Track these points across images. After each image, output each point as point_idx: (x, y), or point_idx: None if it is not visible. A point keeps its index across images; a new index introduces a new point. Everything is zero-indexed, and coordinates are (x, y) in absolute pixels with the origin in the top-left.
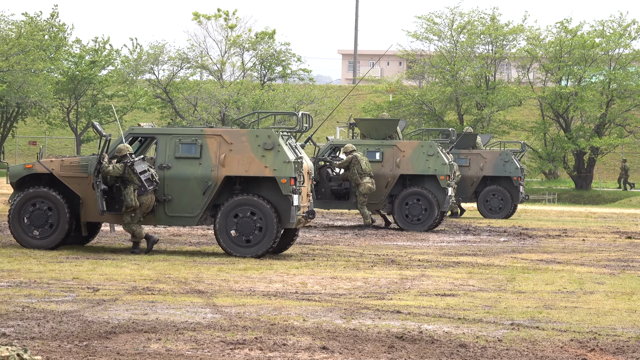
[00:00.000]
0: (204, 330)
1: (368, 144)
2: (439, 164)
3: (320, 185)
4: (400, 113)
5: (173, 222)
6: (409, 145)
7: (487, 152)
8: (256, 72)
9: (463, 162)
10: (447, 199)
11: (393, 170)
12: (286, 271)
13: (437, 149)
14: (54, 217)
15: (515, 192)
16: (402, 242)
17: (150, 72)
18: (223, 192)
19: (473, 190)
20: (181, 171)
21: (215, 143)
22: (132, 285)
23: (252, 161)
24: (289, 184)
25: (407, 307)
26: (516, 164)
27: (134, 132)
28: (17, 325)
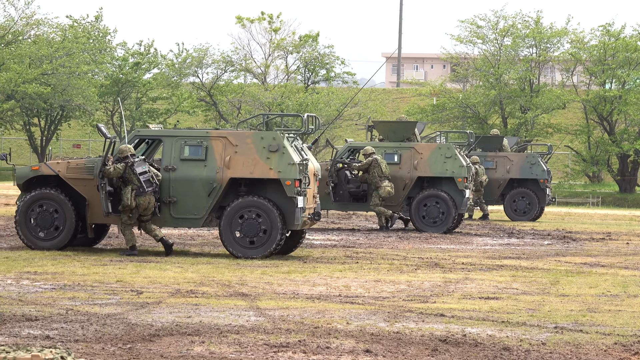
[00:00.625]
0: (248, 333)
1: (386, 146)
2: (456, 166)
3: (338, 187)
4: (444, 116)
5: (178, 223)
6: (427, 148)
7: (514, 154)
8: (300, 75)
9: (490, 164)
10: (464, 201)
11: (411, 173)
12: (330, 274)
13: (454, 151)
14: (60, 219)
15: (542, 194)
16: (446, 245)
17: (195, 75)
18: (228, 194)
19: (500, 192)
20: (186, 173)
21: (220, 145)
22: (175, 288)
23: (257, 163)
24: (293, 186)
25: (450, 310)
26: (543, 166)
27: (139, 134)
28: (61, 328)
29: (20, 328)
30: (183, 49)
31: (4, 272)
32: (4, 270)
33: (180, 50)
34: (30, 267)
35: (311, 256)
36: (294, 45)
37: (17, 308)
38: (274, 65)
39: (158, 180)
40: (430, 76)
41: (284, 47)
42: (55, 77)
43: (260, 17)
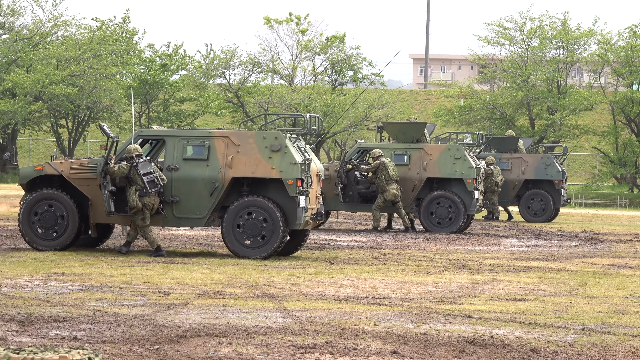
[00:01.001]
0: (275, 334)
1: (395, 147)
2: (465, 167)
3: (347, 188)
4: (471, 117)
5: (181, 223)
6: (436, 149)
7: (529, 155)
8: (327, 76)
9: (505, 165)
10: (473, 202)
11: (420, 174)
12: (357, 275)
13: (464, 152)
14: (63, 219)
15: (557, 195)
16: (473, 247)
17: (222, 77)
18: (231, 194)
19: (515, 193)
20: (189, 173)
21: (222, 145)
22: (203, 289)
23: (259, 163)
24: (295, 186)
25: (478, 311)
26: (558, 167)
27: (142, 134)
28: (89, 329)
29: (48, 329)
30: (210, 50)
31: (32, 273)
32: (31, 271)
33: (207, 52)
34: (58, 268)
35: (338, 257)
36: (321, 47)
37: (44, 309)
38: (301, 67)
39: (163, 181)
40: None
41: (311, 49)
42: (83, 78)
43: (288, 19)
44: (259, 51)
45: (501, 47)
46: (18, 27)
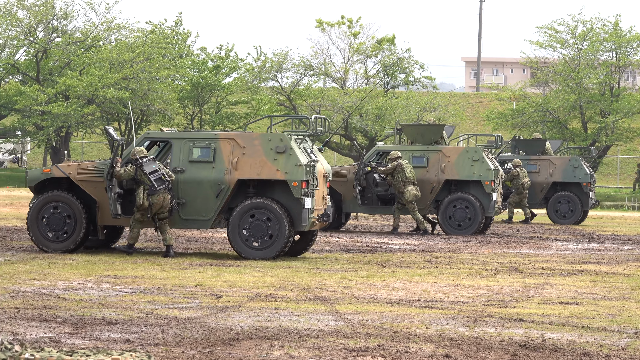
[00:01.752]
0: (327, 337)
1: (413, 149)
2: (483, 169)
3: (366, 191)
4: (524, 121)
5: (187, 225)
6: (454, 151)
7: (557, 157)
8: (379, 79)
9: (533, 168)
10: (492, 204)
11: (438, 176)
12: (409, 279)
13: (482, 154)
14: (70, 221)
15: (585, 197)
16: (526, 250)
17: (274, 80)
18: (237, 195)
19: (543, 196)
20: (195, 175)
21: (228, 147)
22: (255, 292)
23: (265, 164)
24: (300, 187)
25: (530, 315)
26: (586, 169)
27: (149, 136)
28: (141, 332)
29: (101, 331)
30: (261, 52)
31: (84, 275)
32: (84, 273)
33: (259, 54)
34: (111, 270)
35: (390, 261)
36: (371, 49)
37: (97, 311)
38: (354, 70)
39: (171, 178)
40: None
41: (363, 52)
42: (136, 81)
43: (340, 22)
44: (311, 54)
45: (553, 50)
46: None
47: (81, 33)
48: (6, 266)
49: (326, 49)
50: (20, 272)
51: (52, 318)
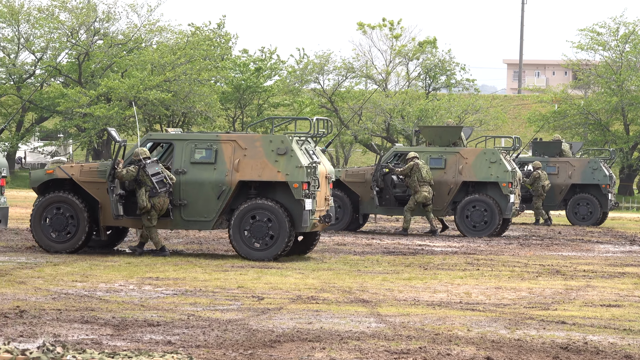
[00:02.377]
0: (368, 339)
1: (431, 151)
2: (501, 171)
3: (384, 192)
4: (566, 123)
5: (189, 226)
6: (472, 153)
7: (576, 159)
8: (421, 81)
9: (552, 170)
10: (509, 206)
11: (456, 177)
12: (450, 281)
13: (499, 156)
14: (73, 222)
15: (604, 199)
16: (567, 253)
17: (316, 82)
18: (239, 196)
19: (562, 198)
20: (196, 176)
21: (230, 148)
22: (296, 294)
23: (266, 166)
24: (301, 189)
25: (571, 317)
26: (605, 171)
27: (151, 137)
28: (183, 334)
29: (143, 333)
30: (304, 54)
31: (126, 277)
32: (126, 275)
33: (301, 56)
34: (152, 272)
35: (432, 263)
36: (413, 52)
37: (139, 313)
38: (395, 72)
39: (172, 181)
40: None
41: (404, 54)
42: (177, 84)
43: (381, 24)
44: (352, 56)
45: (595, 52)
46: (113, 33)
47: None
48: (48, 268)
49: (368, 51)
50: (63, 274)
51: (93, 320)
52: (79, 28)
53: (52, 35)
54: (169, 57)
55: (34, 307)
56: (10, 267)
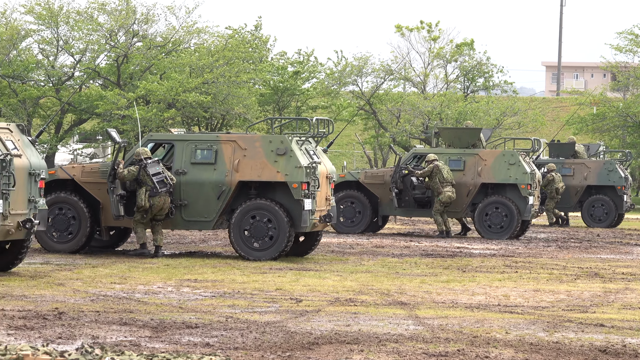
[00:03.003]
0: (406, 342)
1: (450, 152)
2: (520, 172)
3: (403, 194)
4: (604, 125)
5: (189, 226)
6: (491, 154)
7: (591, 161)
8: (459, 83)
9: (567, 171)
10: (528, 208)
11: (474, 179)
12: (489, 283)
13: (518, 157)
14: (75, 222)
15: (619, 201)
16: (606, 255)
17: (354, 84)
18: (239, 197)
19: (577, 199)
20: (196, 176)
21: (230, 149)
22: (334, 296)
23: (265, 166)
24: (300, 189)
25: (610, 320)
26: (620, 173)
27: (152, 138)
28: (221, 336)
29: (181, 335)
30: (342, 57)
31: (164, 279)
32: (164, 277)
33: (339, 59)
34: (191, 274)
35: (470, 265)
36: (451, 54)
37: (177, 315)
38: (434, 74)
39: (172, 182)
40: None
41: (443, 56)
42: (216, 86)
43: (419, 26)
44: (391, 59)
45: (633, 54)
46: (151, 35)
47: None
48: (87, 270)
49: (406, 54)
50: (101, 276)
51: (132, 322)
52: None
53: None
54: (207, 60)
55: (72, 309)
56: (49, 269)
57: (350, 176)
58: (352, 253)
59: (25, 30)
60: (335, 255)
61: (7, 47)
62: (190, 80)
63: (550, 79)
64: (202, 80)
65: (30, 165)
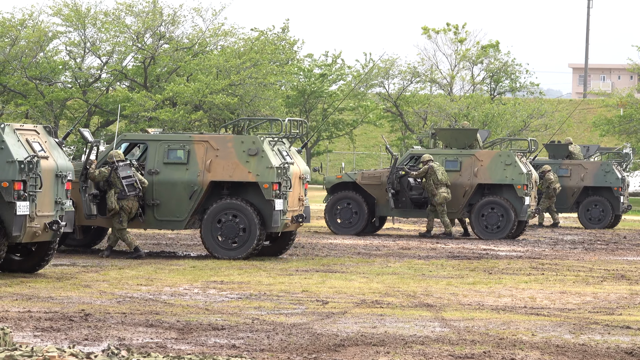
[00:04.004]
0: (432, 344)
1: (447, 153)
2: (516, 173)
3: (400, 194)
4: (632, 127)
5: (162, 225)
6: (487, 155)
7: (588, 162)
8: (485, 85)
9: (564, 172)
10: (524, 208)
11: (471, 180)
12: (515, 285)
13: (514, 158)
14: None
15: (616, 202)
16: (632, 257)
17: (381, 86)
18: (211, 196)
19: (574, 200)
20: (169, 176)
21: (202, 149)
22: (361, 298)
23: (237, 167)
24: (271, 189)
25: (637, 322)
26: (617, 174)
27: (125, 138)
28: (247, 337)
29: (207, 337)
30: (370, 59)
31: (191, 281)
32: (191, 279)
33: (367, 61)
34: (217, 276)
35: (496, 267)
36: (477, 56)
37: (204, 317)
38: (460, 76)
39: (144, 184)
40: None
41: (469, 58)
42: (242, 87)
43: (445, 28)
44: (417, 61)
45: None
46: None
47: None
48: (113, 272)
49: (432, 56)
50: (127, 277)
51: (158, 323)
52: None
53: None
54: (234, 61)
55: (99, 310)
56: (75, 270)
57: (348, 177)
58: (378, 255)
59: (52, 32)
60: (362, 257)
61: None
62: (217, 82)
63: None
64: (229, 82)
65: (57, 167)
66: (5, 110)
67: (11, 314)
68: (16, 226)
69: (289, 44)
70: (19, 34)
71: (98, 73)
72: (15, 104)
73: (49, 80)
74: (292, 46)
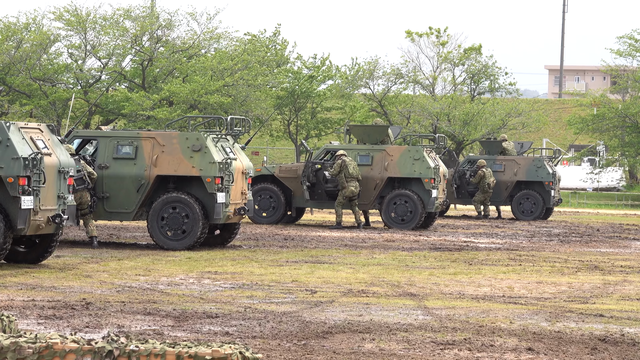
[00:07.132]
0: (416, 331)
1: (359, 148)
2: (424, 167)
3: (316, 187)
4: (604, 125)
5: (111, 217)
6: (397, 150)
7: (521, 158)
8: (466, 86)
9: (498, 167)
10: (431, 201)
11: (382, 173)
12: (494, 275)
13: (423, 153)
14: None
15: (547, 196)
16: (605, 249)
17: (366, 87)
18: (158, 190)
19: (508, 194)
20: (118, 170)
21: (149, 145)
22: (347, 288)
23: (181, 162)
24: (214, 183)
25: (609, 311)
26: (548, 169)
27: (77, 134)
28: (240, 325)
29: (202, 324)
30: (355, 63)
31: (186, 271)
32: (186, 270)
33: (353, 64)
34: (211, 267)
35: (476, 259)
36: (459, 58)
37: (198, 305)
38: (442, 77)
39: (93, 176)
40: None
41: (451, 60)
42: (235, 88)
43: (428, 32)
44: (401, 62)
45: (632, 58)
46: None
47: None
48: (113, 262)
49: (415, 58)
50: (126, 268)
51: (155, 312)
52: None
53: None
54: (227, 63)
55: (99, 299)
56: (77, 261)
57: (266, 170)
58: (364, 247)
59: (54, 35)
60: (348, 249)
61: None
62: (211, 83)
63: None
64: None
65: (60, 163)
66: (11, 110)
67: (16, 302)
68: (21, 219)
69: (281, 47)
70: (24, 37)
71: (98, 74)
72: (20, 103)
73: (52, 81)
74: (284, 50)
